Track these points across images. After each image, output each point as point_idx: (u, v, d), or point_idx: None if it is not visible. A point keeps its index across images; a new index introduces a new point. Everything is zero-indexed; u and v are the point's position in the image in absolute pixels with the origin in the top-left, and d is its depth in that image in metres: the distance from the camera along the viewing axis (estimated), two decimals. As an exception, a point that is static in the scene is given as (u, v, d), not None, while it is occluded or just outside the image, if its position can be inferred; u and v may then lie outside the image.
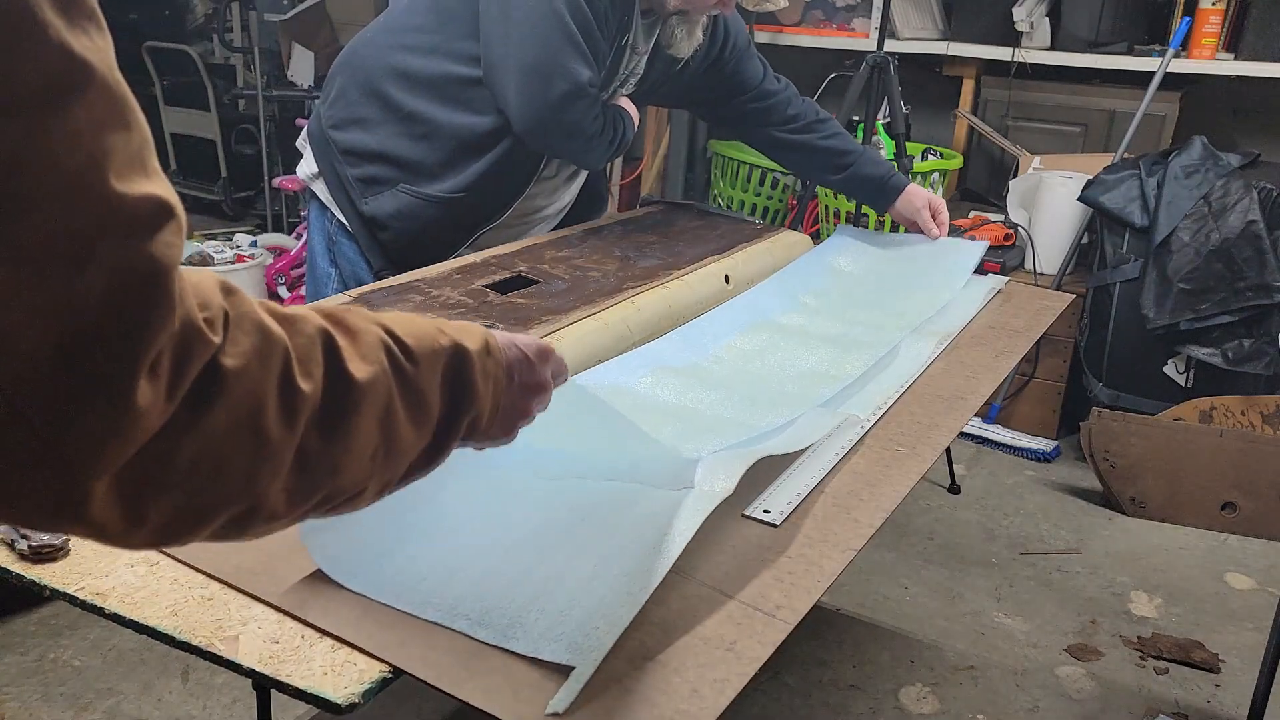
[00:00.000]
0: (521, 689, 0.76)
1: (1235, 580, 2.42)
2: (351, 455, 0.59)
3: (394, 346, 0.63)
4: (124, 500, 0.49)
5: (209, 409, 0.50)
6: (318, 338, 0.57)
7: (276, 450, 0.54)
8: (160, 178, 0.48)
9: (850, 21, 3.72)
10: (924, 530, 2.59)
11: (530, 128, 1.57)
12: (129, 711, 1.87)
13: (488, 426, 0.73)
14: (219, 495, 0.53)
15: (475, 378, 0.69)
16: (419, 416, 0.64)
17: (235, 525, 0.56)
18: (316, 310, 0.60)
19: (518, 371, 0.75)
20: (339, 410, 0.58)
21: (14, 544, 0.89)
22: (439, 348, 0.66)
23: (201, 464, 0.51)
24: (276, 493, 0.56)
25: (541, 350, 0.79)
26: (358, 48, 1.70)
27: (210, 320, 0.50)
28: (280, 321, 0.55)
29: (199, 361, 0.49)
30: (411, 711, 1.89)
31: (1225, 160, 2.74)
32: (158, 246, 0.46)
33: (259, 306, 0.54)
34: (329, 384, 0.57)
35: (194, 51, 4.64)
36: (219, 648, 0.80)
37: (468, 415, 0.69)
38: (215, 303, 0.50)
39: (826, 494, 1.07)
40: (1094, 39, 3.25)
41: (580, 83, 1.54)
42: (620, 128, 1.67)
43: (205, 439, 0.50)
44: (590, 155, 1.66)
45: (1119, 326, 2.89)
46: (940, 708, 1.96)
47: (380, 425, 0.61)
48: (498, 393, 0.73)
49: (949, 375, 1.42)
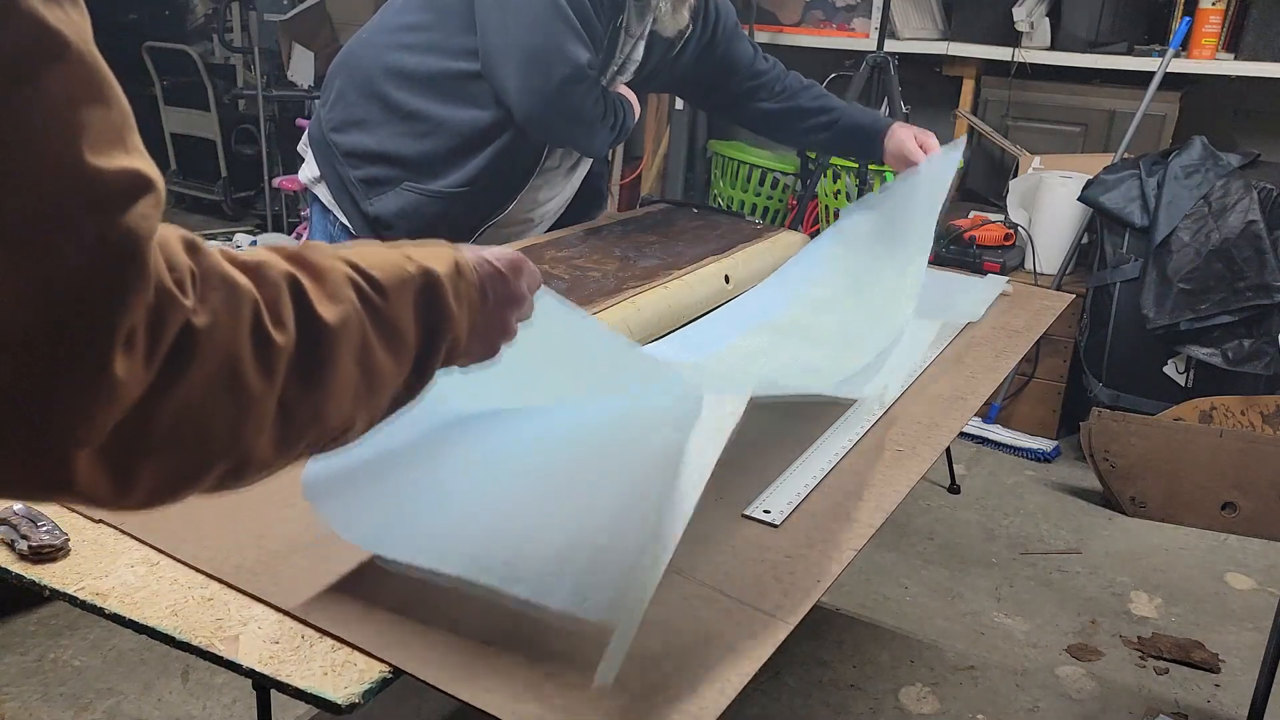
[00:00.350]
0: (521, 689, 0.76)
1: (1235, 580, 2.42)
2: (333, 397, 0.59)
3: (361, 281, 0.62)
4: (111, 468, 0.49)
5: (186, 371, 0.49)
6: (284, 284, 0.56)
7: (258, 403, 0.54)
8: (141, 155, 0.48)
9: (850, 21, 3.72)
10: (924, 530, 2.59)
11: (532, 115, 1.57)
12: (129, 711, 1.87)
13: (468, 348, 0.72)
14: (206, 454, 0.53)
15: (448, 301, 0.68)
16: (396, 349, 0.64)
17: (228, 479, 0.56)
18: (278, 253, 0.59)
19: (491, 288, 0.73)
20: (315, 356, 0.57)
21: (14, 544, 0.89)
22: (407, 276, 0.65)
23: (185, 426, 0.50)
24: (264, 444, 0.56)
25: (513, 262, 0.77)
26: (354, 49, 1.70)
27: (180, 281, 0.49)
28: (245, 272, 0.54)
29: (174, 326, 0.49)
30: (411, 711, 1.89)
31: (1225, 160, 2.74)
32: (134, 219, 0.46)
33: (221, 258, 0.53)
34: (302, 331, 0.56)
35: (194, 51, 4.64)
36: (219, 648, 0.80)
37: (445, 340, 0.68)
38: (182, 262, 0.50)
39: (826, 494, 1.07)
40: (1094, 39, 3.25)
41: (580, 65, 1.55)
42: (621, 113, 1.68)
43: (186, 401, 0.50)
44: (593, 141, 1.66)
45: (1119, 326, 2.89)
46: (940, 708, 1.96)
47: (359, 363, 0.60)
48: (473, 313, 0.71)
49: (949, 375, 1.42)
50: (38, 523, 0.91)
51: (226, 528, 0.94)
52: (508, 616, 0.84)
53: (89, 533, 0.93)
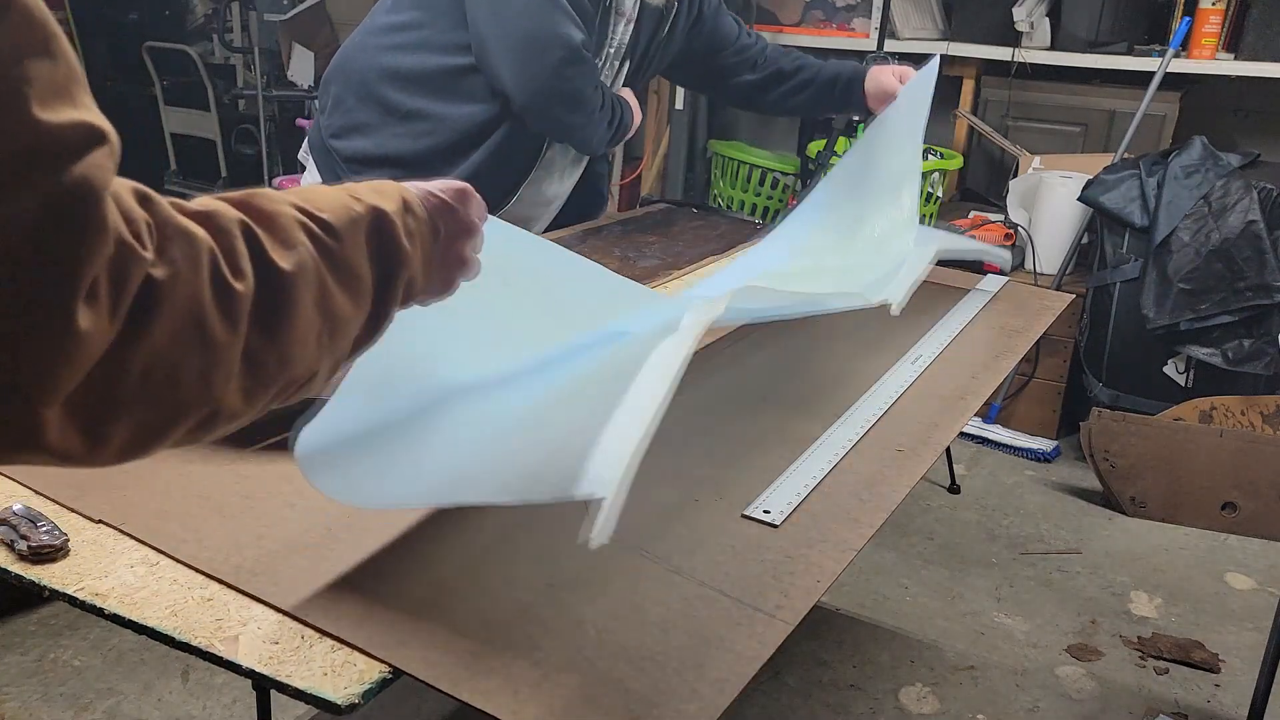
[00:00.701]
0: (521, 689, 0.76)
1: (1235, 580, 2.42)
2: (297, 343, 0.59)
3: (313, 225, 0.61)
4: (81, 424, 0.49)
5: (150, 324, 0.49)
6: (238, 232, 0.56)
7: (224, 353, 0.54)
8: (90, 109, 0.47)
9: (850, 21, 3.72)
10: (924, 530, 2.59)
11: (530, 100, 1.56)
12: (129, 711, 1.87)
13: (425, 284, 0.72)
14: (176, 407, 0.53)
15: (400, 238, 0.67)
16: (354, 290, 0.64)
17: (199, 431, 0.56)
18: (226, 201, 0.58)
19: (442, 221, 0.73)
20: (275, 302, 0.57)
21: (13, 544, 0.89)
22: (357, 215, 0.65)
23: (152, 379, 0.50)
24: (233, 394, 0.55)
25: (460, 192, 0.76)
26: (348, 53, 1.70)
27: (137, 234, 0.49)
28: (198, 221, 0.54)
29: (135, 279, 0.48)
30: (411, 711, 1.89)
31: (1225, 160, 2.74)
32: (88, 169, 0.46)
33: (173, 208, 0.53)
34: (260, 278, 0.56)
35: (194, 51, 4.64)
36: (219, 648, 0.80)
37: (401, 278, 0.68)
38: (138, 214, 0.50)
39: (826, 494, 1.07)
40: (1094, 39, 3.25)
41: (574, 46, 1.54)
42: (619, 110, 1.68)
43: (152, 354, 0.50)
44: (592, 131, 1.65)
45: (1119, 326, 2.89)
46: (940, 708, 1.96)
47: (318, 308, 0.60)
48: (427, 248, 0.71)
49: (949, 375, 1.42)
50: (37, 523, 0.91)
51: (226, 528, 0.94)
52: (507, 617, 0.84)
53: (89, 533, 0.93)
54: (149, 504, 0.98)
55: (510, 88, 1.56)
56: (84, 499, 0.97)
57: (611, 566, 0.91)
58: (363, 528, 0.95)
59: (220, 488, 1.01)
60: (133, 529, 0.93)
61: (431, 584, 0.88)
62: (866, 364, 1.43)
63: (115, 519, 0.95)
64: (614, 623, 0.84)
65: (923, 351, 1.49)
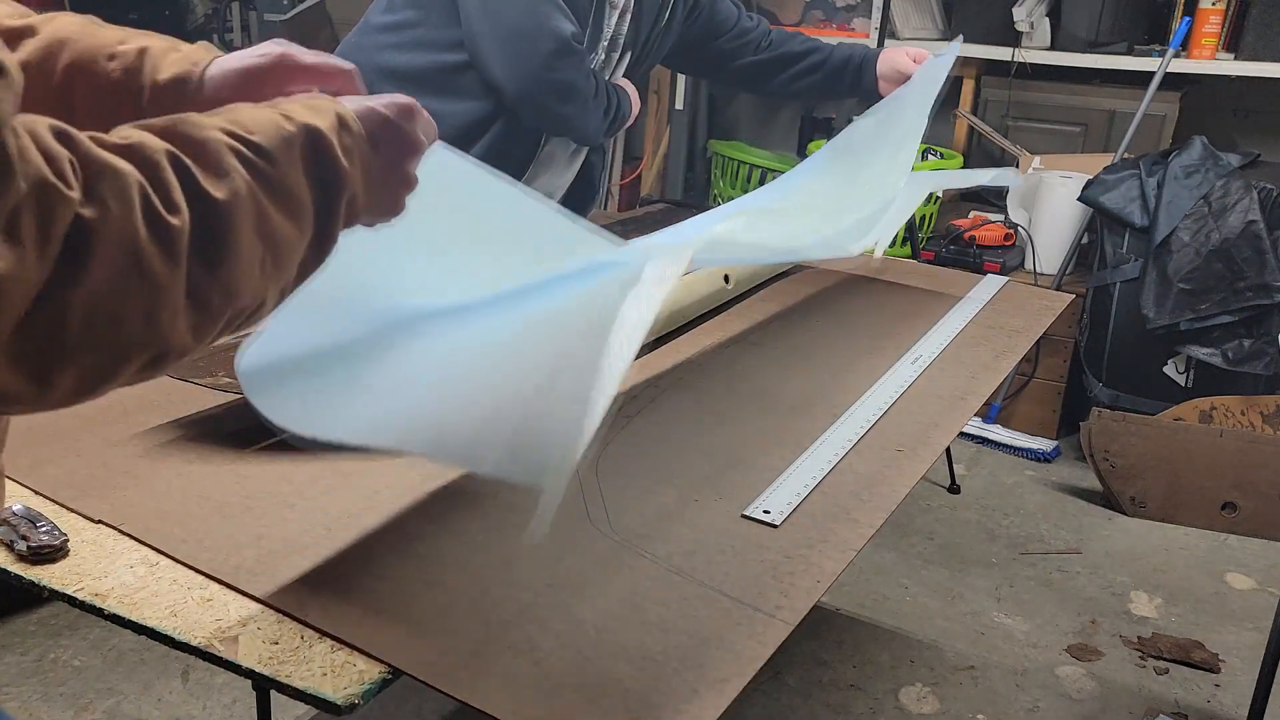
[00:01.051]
0: (521, 689, 0.76)
1: (1235, 580, 2.42)
2: (241, 273, 0.57)
3: (244, 149, 0.59)
4: (26, 369, 0.48)
5: (86, 265, 0.48)
6: (166, 163, 0.54)
7: (167, 290, 0.53)
8: None
9: (850, 21, 3.72)
10: (924, 530, 2.59)
11: (522, 94, 1.56)
12: (129, 711, 1.87)
13: (368, 203, 0.69)
14: (123, 348, 0.52)
15: (337, 156, 0.65)
16: (294, 212, 0.62)
17: (149, 369, 0.55)
18: (150, 130, 0.56)
19: (382, 137, 0.71)
20: (213, 232, 0.55)
21: (13, 545, 0.89)
22: (290, 135, 0.62)
23: (96, 322, 0.50)
24: (180, 330, 0.55)
25: (402, 107, 0.74)
26: (346, 53, 1.70)
27: (60, 173, 0.47)
28: (123, 154, 0.52)
29: (63, 220, 0.47)
30: (411, 711, 1.89)
31: (1225, 160, 2.74)
32: None
33: (94, 143, 0.51)
34: (195, 210, 0.54)
35: (194, 51, 4.63)
36: (218, 648, 0.80)
37: (342, 198, 0.66)
38: (59, 152, 0.48)
39: (826, 494, 1.07)
40: (1094, 39, 3.25)
41: (565, 37, 1.54)
42: (616, 99, 1.67)
43: (92, 295, 0.49)
44: (587, 121, 1.64)
45: (1119, 326, 2.89)
46: (940, 708, 1.96)
47: (259, 234, 0.59)
48: (367, 166, 0.68)
49: (949, 375, 1.42)
50: (37, 523, 0.91)
51: (226, 528, 0.94)
52: (507, 617, 0.84)
53: (88, 533, 0.93)
54: (149, 504, 0.98)
55: (501, 81, 1.56)
56: (84, 499, 0.97)
57: (611, 566, 0.91)
58: (363, 528, 0.95)
59: (220, 488, 1.01)
60: (132, 529, 0.93)
61: (431, 584, 0.88)
62: (866, 364, 1.43)
63: (115, 519, 0.95)
64: (614, 623, 0.84)
65: (922, 351, 1.49)
